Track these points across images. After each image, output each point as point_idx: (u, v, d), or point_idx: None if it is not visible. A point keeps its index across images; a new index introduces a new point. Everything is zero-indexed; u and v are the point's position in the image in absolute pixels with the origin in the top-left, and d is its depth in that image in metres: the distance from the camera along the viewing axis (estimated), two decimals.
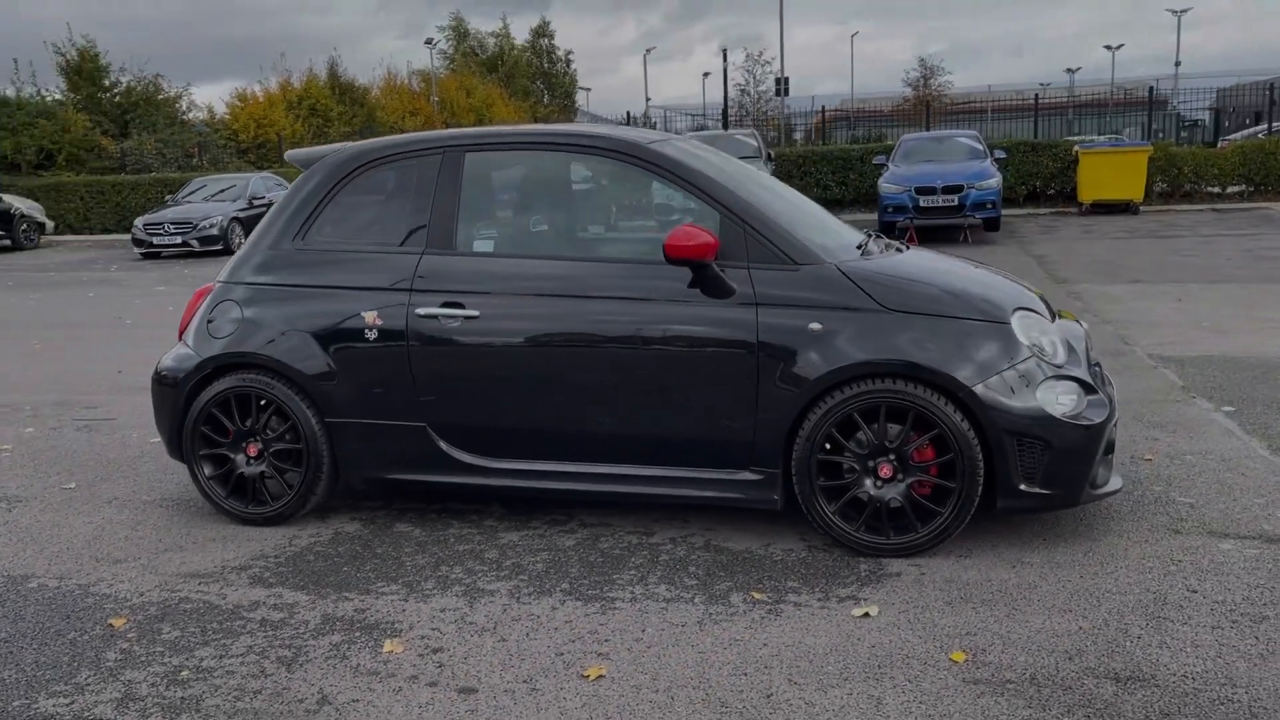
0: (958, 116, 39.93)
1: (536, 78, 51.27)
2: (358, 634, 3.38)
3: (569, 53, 53.44)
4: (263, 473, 4.43)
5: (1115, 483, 4.03)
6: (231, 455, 4.46)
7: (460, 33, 50.80)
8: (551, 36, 52.06)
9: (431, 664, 3.16)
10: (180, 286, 13.79)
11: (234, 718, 2.89)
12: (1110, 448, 4.00)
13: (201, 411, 4.45)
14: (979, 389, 3.74)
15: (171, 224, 19.67)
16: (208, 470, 4.49)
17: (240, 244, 19.42)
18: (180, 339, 4.61)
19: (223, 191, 21.00)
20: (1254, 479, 4.58)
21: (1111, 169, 18.71)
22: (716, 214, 4.03)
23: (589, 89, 70.54)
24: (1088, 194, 19.01)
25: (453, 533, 4.30)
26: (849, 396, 3.82)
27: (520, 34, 52.74)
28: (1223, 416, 5.61)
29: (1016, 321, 3.89)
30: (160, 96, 29.36)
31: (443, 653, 3.23)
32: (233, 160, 28.71)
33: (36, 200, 24.28)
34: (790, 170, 21.36)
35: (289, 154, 4.78)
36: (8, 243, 22.16)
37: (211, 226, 19.56)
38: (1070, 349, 4.00)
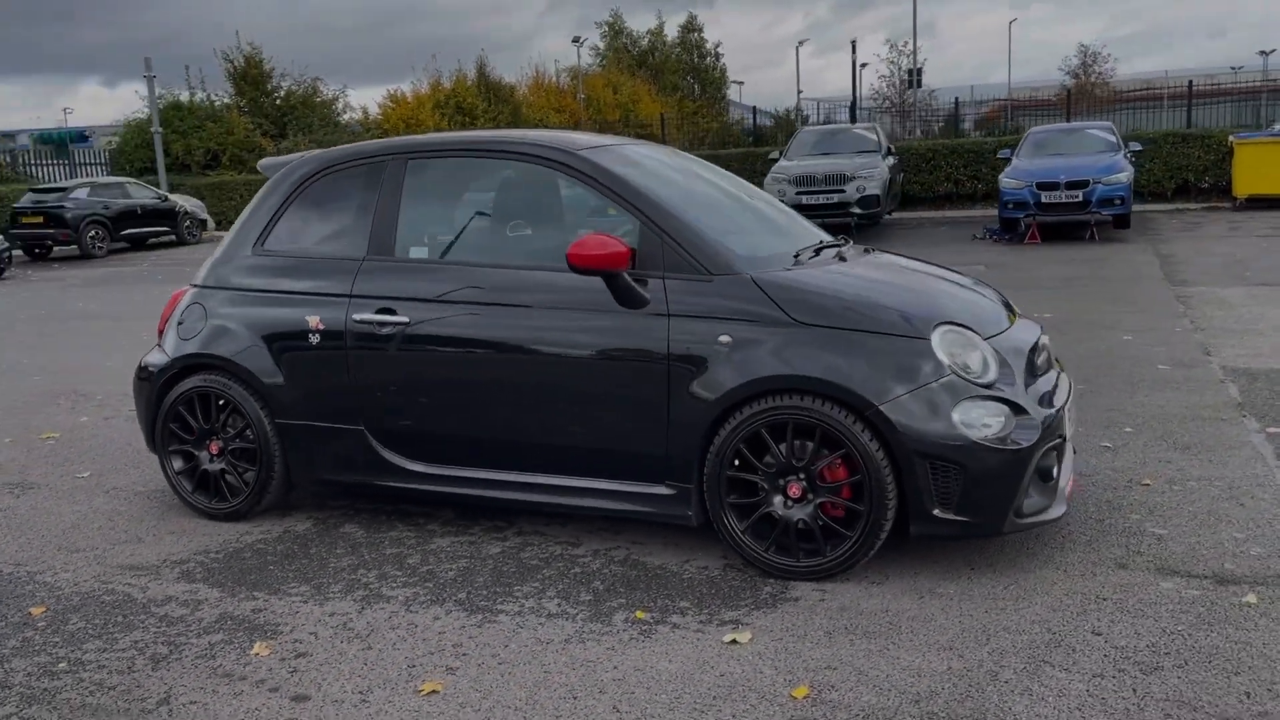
0: (1129, 105, 37.73)
1: (686, 73, 51.30)
2: (239, 634, 3.47)
3: (718, 46, 53.31)
4: (223, 470, 4.60)
5: (1054, 511, 3.74)
6: (196, 452, 4.66)
7: (615, 30, 51.42)
8: (700, 30, 51.97)
9: (285, 670, 3.21)
10: None
11: (78, 711, 3.02)
12: (1047, 474, 3.72)
13: (170, 409, 4.66)
14: (886, 408, 3.54)
15: None
16: (176, 465, 4.70)
17: None
18: (159, 338, 4.84)
19: None
20: (1251, 511, 4.17)
21: (1271, 161, 17.38)
22: (636, 222, 3.94)
23: (741, 82, 70.00)
24: (1243, 188, 17.73)
25: (391, 536, 4.36)
26: (757, 412, 3.68)
27: (674, 31, 52.87)
28: (1262, 439, 5.13)
29: (938, 337, 3.66)
30: (317, 99, 30.83)
31: (304, 658, 3.28)
32: None
33: (201, 198, 25.94)
34: (918, 165, 20.73)
35: (260, 163, 4.95)
36: (172, 238, 23.71)
37: None
38: (1004, 364, 3.73)
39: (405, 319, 4.19)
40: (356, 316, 4.26)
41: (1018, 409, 3.63)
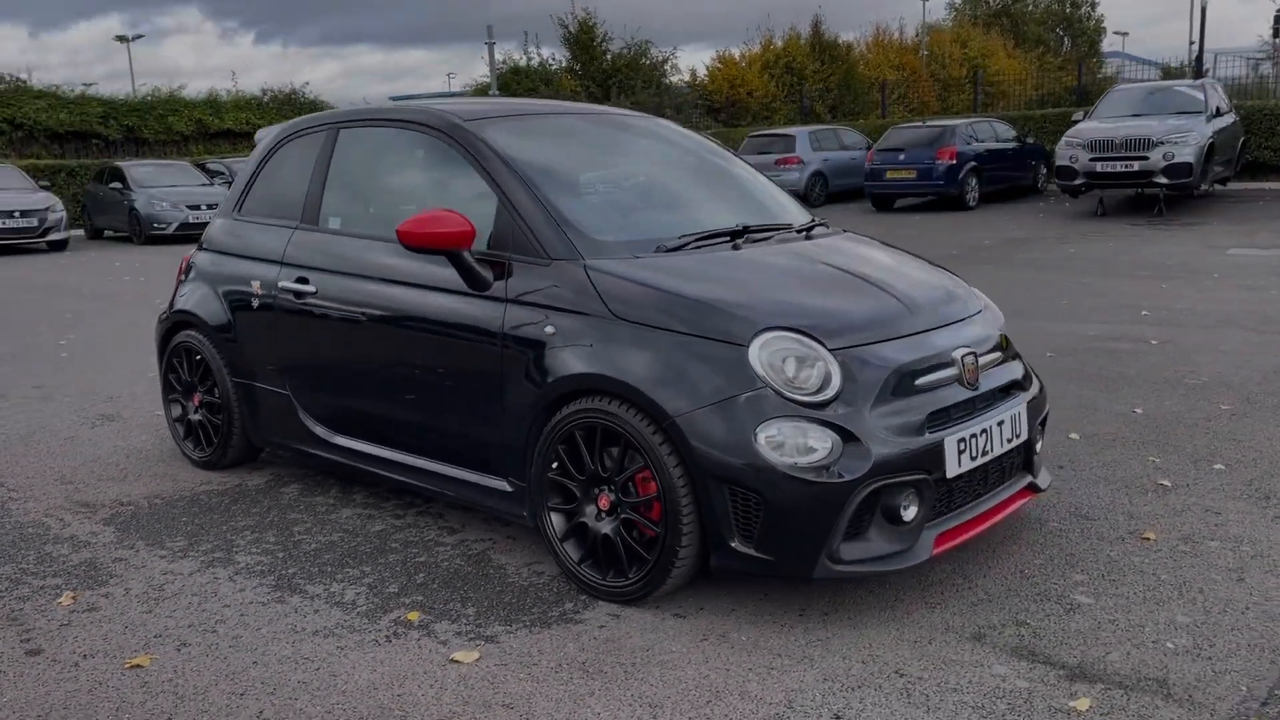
0: None
1: (1056, 24, 47.27)
2: (74, 581, 3.66)
3: None
4: (201, 421, 4.88)
5: (902, 560, 3.09)
6: (185, 402, 4.97)
7: None
8: None
9: (57, 623, 3.32)
10: None
11: None
12: (894, 514, 3.08)
13: (167, 360, 5.01)
14: (683, 420, 3.07)
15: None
16: (174, 413, 5.05)
17: None
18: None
19: None
20: (1247, 591, 3.23)
21: None
22: (495, 199, 3.68)
23: (1124, 33, 63.38)
24: None
25: (314, 501, 4.42)
26: (571, 413, 3.33)
27: None
28: None
29: (759, 345, 3.11)
30: (644, 61, 31.58)
31: (89, 613, 3.39)
32: (702, 120, 30.18)
33: None
34: (1272, 127, 17.83)
35: (257, 134, 5.13)
36: None
37: None
38: (852, 380, 3.10)
39: (313, 289, 4.20)
40: (280, 284, 4.33)
41: (848, 435, 3.02)
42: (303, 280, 4.24)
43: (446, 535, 3.98)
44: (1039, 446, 3.73)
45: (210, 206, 18.30)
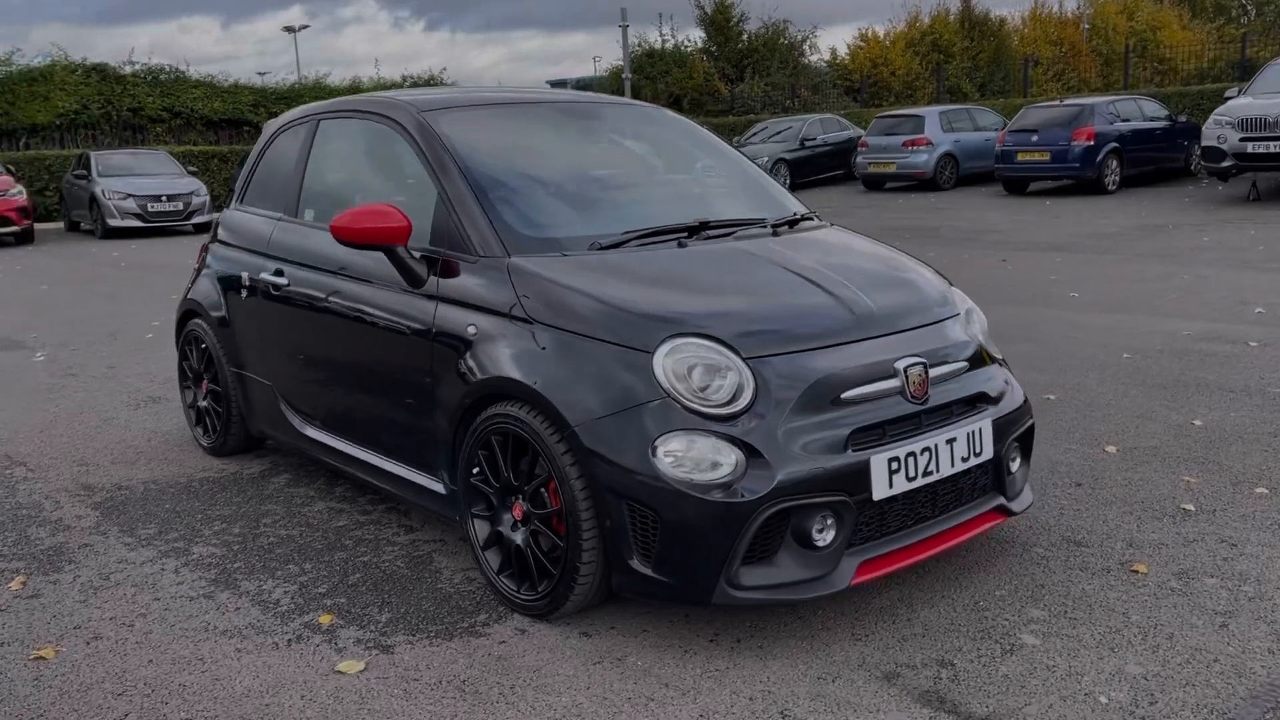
0: None
1: None
2: (34, 566, 3.74)
3: None
4: (208, 409, 4.96)
5: (816, 588, 2.84)
6: (195, 390, 5.07)
7: None
8: None
9: None
10: None
11: None
12: (806, 539, 2.82)
13: (180, 348, 5.11)
14: (582, 430, 2.89)
15: None
16: (187, 400, 5.16)
17: (785, 184, 20.78)
18: None
19: (779, 133, 21.82)
20: (1205, 641, 2.85)
21: None
22: (436, 194, 3.56)
23: None
24: None
25: (294, 493, 4.42)
26: (488, 417, 3.20)
27: None
28: None
29: (663, 353, 2.89)
30: (782, 41, 30.98)
31: (32, 600, 3.45)
32: (840, 100, 29.45)
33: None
34: None
35: (265, 124, 5.15)
36: None
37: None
38: (764, 392, 2.85)
39: (285, 281, 4.18)
40: (261, 275, 4.34)
41: (752, 452, 2.78)
42: (279, 273, 4.24)
43: (402, 534, 3.91)
44: (1015, 465, 3.39)
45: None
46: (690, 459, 2.78)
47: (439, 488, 3.52)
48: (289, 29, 49.51)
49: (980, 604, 3.14)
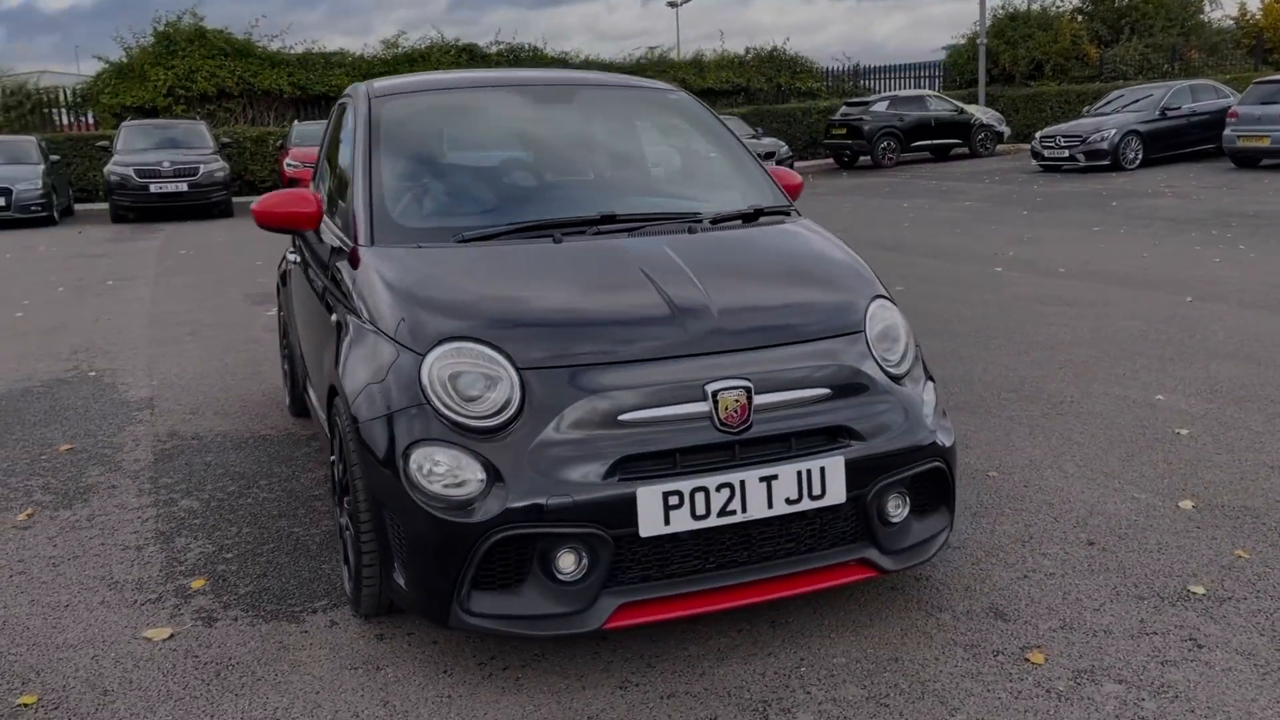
0: None
1: None
2: (58, 500, 4.22)
3: None
4: (288, 371, 5.32)
5: (560, 625, 2.55)
6: (286, 354, 5.45)
7: None
8: None
9: None
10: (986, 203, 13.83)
11: None
12: (552, 571, 2.55)
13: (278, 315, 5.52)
14: (363, 429, 2.80)
15: (1063, 137, 19.16)
16: (284, 364, 5.56)
17: (1136, 159, 19.06)
18: None
19: (1136, 102, 19.52)
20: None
21: None
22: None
23: None
24: None
25: (307, 461, 4.65)
26: (333, 411, 3.18)
27: None
28: None
29: (433, 357, 2.71)
30: None
31: (26, 531, 3.92)
32: (1244, 61, 25.83)
33: (1008, 111, 25.64)
34: None
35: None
36: (965, 150, 23.99)
37: (1101, 140, 18.50)
38: (530, 405, 2.59)
39: (296, 259, 4.38)
40: (289, 256, 4.57)
41: (495, 471, 2.55)
42: (298, 250, 4.44)
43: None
44: (896, 514, 2.83)
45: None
46: (439, 473, 2.60)
47: None
48: (672, 4, 50.97)
49: (802, 667, 2.67)
